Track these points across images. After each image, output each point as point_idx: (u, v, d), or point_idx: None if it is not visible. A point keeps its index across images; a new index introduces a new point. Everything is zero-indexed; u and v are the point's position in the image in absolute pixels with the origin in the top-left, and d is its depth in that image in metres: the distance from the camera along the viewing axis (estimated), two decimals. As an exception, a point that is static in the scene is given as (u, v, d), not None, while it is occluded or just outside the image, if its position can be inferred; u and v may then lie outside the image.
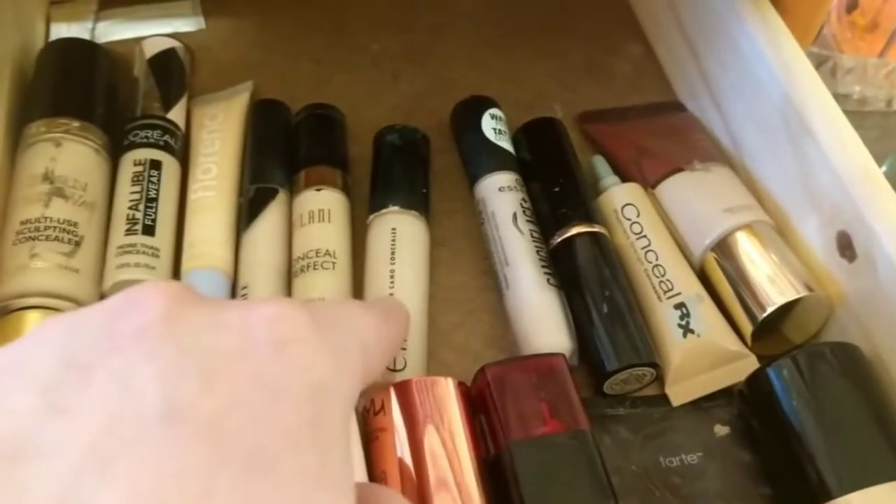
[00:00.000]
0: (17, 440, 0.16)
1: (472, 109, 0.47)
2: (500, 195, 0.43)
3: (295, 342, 0.19)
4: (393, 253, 0.41)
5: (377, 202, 0.43)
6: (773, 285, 0.39)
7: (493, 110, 0.47)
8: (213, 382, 0.17)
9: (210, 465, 0.16)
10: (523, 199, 0.43)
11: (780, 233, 0.42)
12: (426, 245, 0.43)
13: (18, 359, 0.18)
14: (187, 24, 0.53)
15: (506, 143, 0.46)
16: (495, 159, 0.45)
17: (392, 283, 0.39)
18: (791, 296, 0.38)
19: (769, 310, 0.38)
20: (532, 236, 0.42)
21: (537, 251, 0.41)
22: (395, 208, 0.42)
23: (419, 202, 0.43)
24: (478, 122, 0.46)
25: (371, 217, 0.42)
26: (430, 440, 0.33)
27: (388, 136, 0.46)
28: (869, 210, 0.36)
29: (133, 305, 0.19)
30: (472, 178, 0.45)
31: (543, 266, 0.41)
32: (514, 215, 0.42)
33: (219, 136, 0.45)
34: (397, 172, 0.44)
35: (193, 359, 0.17)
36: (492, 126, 0.46)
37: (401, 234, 0.41)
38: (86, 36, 0.51)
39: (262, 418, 0.17)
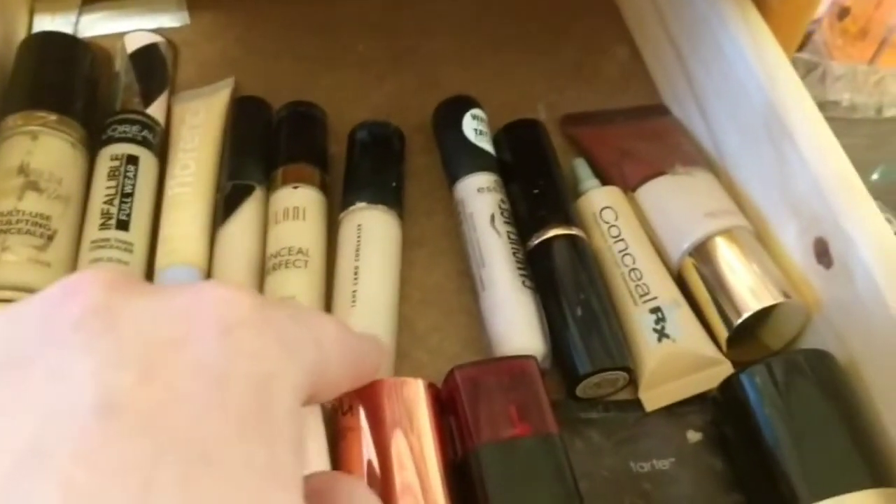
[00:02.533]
0: None
1: (453, 109, 0.47)
2: (479, 196, 0.43)
3: (241, 326, 0.18)
4: (358, 249, 0.40)
5: (346, 200, 0.43)
6: (750, 291, 0.39)
7: (475, 111, 0.46)
8: (152, 373, 0.17)
9: (149, 459, 0.15)
10: (502, 201, 0.43)
11: (759, 238, 0.41)
12: (395, 239, 0.42)
13: None
14: (172, 20, 0.53)
15: (486, 144, 0.45)
16: (475, 160, 0.44)
17: (356, 279, 0.39)
18: (767, 302, 0.38)
19: (745, 315, 0.38)
20: (509, 238, 0.41)
21: (514, 253, 0.41)
22: (362, 204, 0.42)
23: (388, 196, 0.43)
24: (458, 123, 0.46)
25: (341, 215, 0.42)
26: (397, 442, 0.33)
27: (359, 132, 0.46)
28: (846, 217, 0.36)
29: (71, 295, 0.18)
30: (452, 178, 0.45)
31: (520, 268, 0.40)
32: (492, 216, 0.42)
33: (199, 132, 0.45)
34: (365, 169, 0.44)
35: (132, 349, 0.17)
36: (472, 126, 0.46)
37: (366, 230, 0.41)
38: (69, 29, 0.51)
39: (205, 409, 0.17)
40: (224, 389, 0.17)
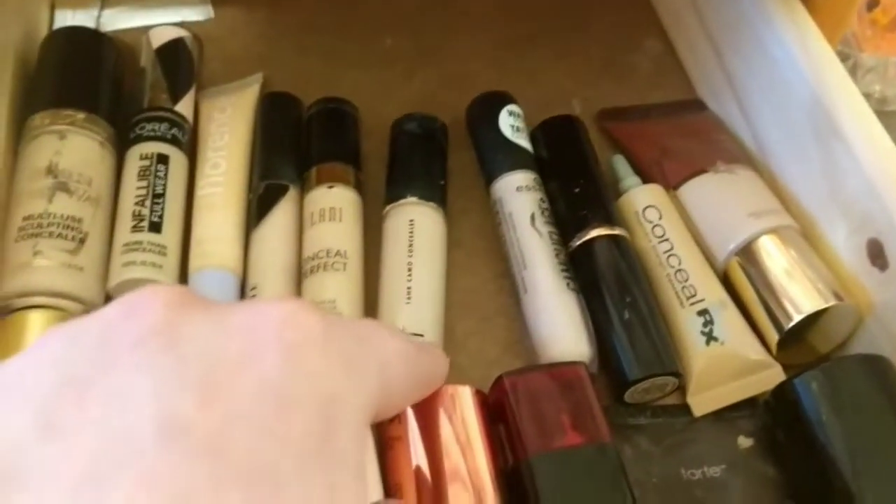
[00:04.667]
0: (10, 464, 0.15)
1: (488, 106, 0.46)
2: (518, 195, 0.42)
3: (305, 346, 0.18)
4: (411, 245, 0.39)
5: (394, 192, 0.42)
6: (800, 293, 0.38)
7: (511, 107, 0.45)
8: (213, 394, 0.16)
9: (210, 484, 0.15)
10: (541, 200, 0.42)
11: (806, 239, 0.40)
12: (444, 239, 0.41)
13: (16, 377, 0.17)
14: (196, 14, 0.52)
15: (524, 142, 0.44)
16: (513, 158, 0.43)
17: (410, 276, 0.38)
18: (819, 304, 0.37)
19: (796, 319, 0.37)
20: (551, 238, 0.40)
21: (556, 254, 0.40)
22: (413, 199, 0.41)
23: (437, 194, 0.42)
24: (495, 119, 0.45)
25: (387, 208, 0.41)
26: (447, 448, 0.32)
27: (407, 124, 0.44)
28: (903, 218, 0.35)
29: (130, 314, 0.18)
30: (489, 177, 0.44)
31: (563, 269, 0.39)
32: (532, 216, 0.41)
33: (228, 129, 0.44)
34: (416, 162, 0.43)
35: (193, 369, 0.16)
36: (509, 123, 0.44)
37: (419, 226, 0.40)
38: (91, 24, 0.50)
39: (268, 431, 0.16)
40: (288, 411, 0.17)
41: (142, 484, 0.15)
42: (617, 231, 0.40)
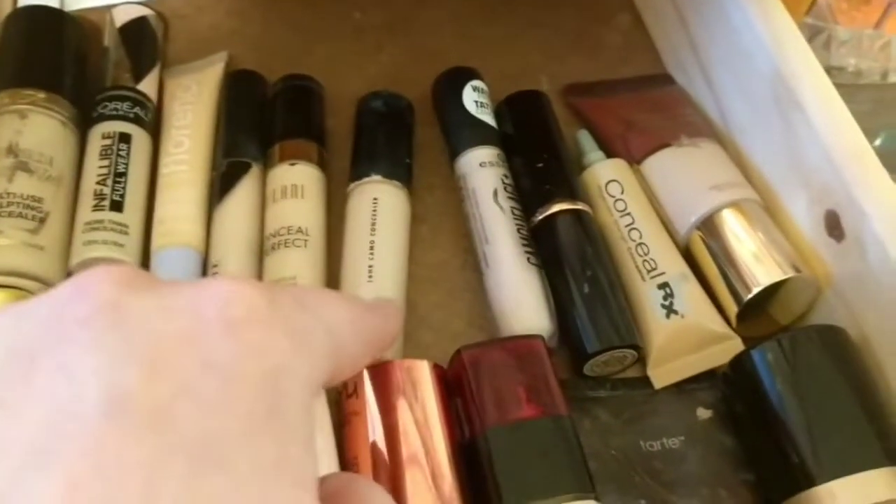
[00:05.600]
0: None
1: (453, 81, 0.45)
2: (481, 171, 0.42)
3: (248, 323, 0.18)
4: (374, 223, 0.39)
5: (358, 170, 0.42)
6: (760, 265, 0.38)
7: (475, 82, 0.45)
8: (159, 370, 0.16)
9: (155, 459, 0.15)
10: (505, 175, 0.42)
11: (767, 211, 0.40)
12: (407, 218, 0.41)
13: None
14: (161, -9, 0.51)
15: (488, 117, 0.44)
16: (476, 133, 0.43)
17: (372, 255, 0.38)
18: (777, 276, 0.37)
19: (755, 290, 0.37)
20: (513, 213, 0.40)
21: (518, 229, 0.40)
22: (378, 177, 0.41)
23: (402, 173, 0.42)
24: (458, 95, 0.44)
25: (351, 186, 0.41)
26: (404, 424, 0.33)
27: (373, 102, 0.44)
28: (859, 189, 0.35)
29: (80, 293, 0.18)
30: (453, 152, 0.44)
31: (524, 244, 0.39)
32: (495, 191, 0.41)
33: (192, 108, 0.44)
34: (381, 141, 0.43)
35: (139, 346, 0.16)
36: (473, 99, 0.44)
37: (382, 205, 0.40)
38: (55, 3, 0.49)
39: (214, 407, 0.16)
40: (233, 387, 0.17)
41: (86, 456, 0.15)
42: (579, 206, 0.40)
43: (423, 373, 0.34)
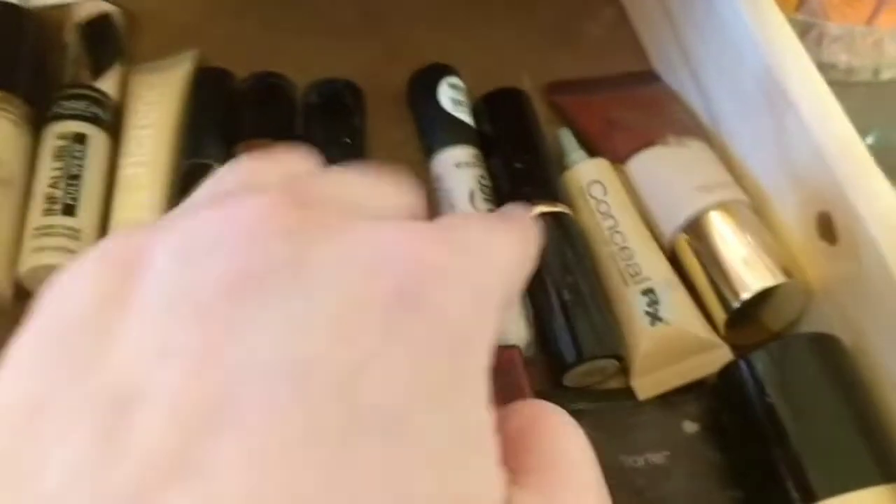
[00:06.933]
0: (129, 384, 0.14)
1: (428, 78, 0.44)
2: (457, 171, 0.40)
3: (433, 282, 0.16)
4: None
5: None
6: (749, 270, 0.36)
7: (452, 79, 0.43)
8: (345, 332, 0.15)
9: (340, 426, 0.14)
10: (482, 176, 0.40)
11: (757, 213, 0.39)
12: None
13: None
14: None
15: (464, 115, 0.42)
16: (452, 132, 0.42)
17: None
18: (768, 282, 0.35)
19: (744, 297, 0.35)
20: (490, 216, 0.39)
21: (495, 233, 0.38)
22: None
23: (343, 155, 0.40)
24: (434, 92, 0.43)
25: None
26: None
27: (309, 97, 0.43)
28: (852, 189, 0.33)
29: (249, 243, 0.16)
30: (428, 151, 0.42)
31: (501, 249, 0.38)
32: (472, 193, 0.39)
33: (155, 107, 0.42)
34: (318, 133, 0.41)
35: (325, 307, 0.15)
36: (449, 96, 0.43)
37: None
38: (16, -1, 0.47)
39: (398, 374, 0.15)
40: (417, 353, 0.15)
41: (268, 421, 0.14)
42: (559, 208, 0.38)
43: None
